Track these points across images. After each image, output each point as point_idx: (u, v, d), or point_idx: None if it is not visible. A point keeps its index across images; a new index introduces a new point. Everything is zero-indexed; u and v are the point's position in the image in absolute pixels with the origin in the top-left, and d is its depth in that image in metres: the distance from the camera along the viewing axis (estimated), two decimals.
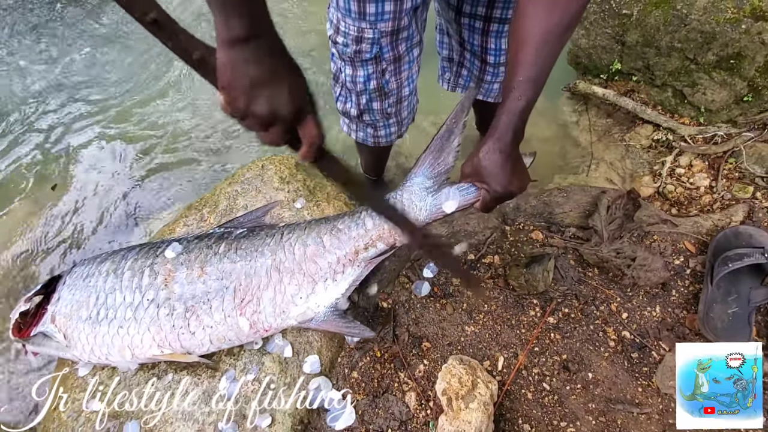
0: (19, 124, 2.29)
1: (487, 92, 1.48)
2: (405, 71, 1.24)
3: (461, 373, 1.07)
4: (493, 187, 0.90)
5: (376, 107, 1.31)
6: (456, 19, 1.26)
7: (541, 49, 0.81)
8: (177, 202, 1.99)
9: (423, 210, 1.10)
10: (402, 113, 1.37)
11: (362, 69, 1.21)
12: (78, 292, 1.23)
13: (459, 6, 1.22)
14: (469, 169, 0.92)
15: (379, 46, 1.14)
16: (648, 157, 1.74)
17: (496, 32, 1.23)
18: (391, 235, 1.13)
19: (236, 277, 1.16)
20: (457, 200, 1.03)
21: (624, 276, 1.27)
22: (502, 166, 0.86)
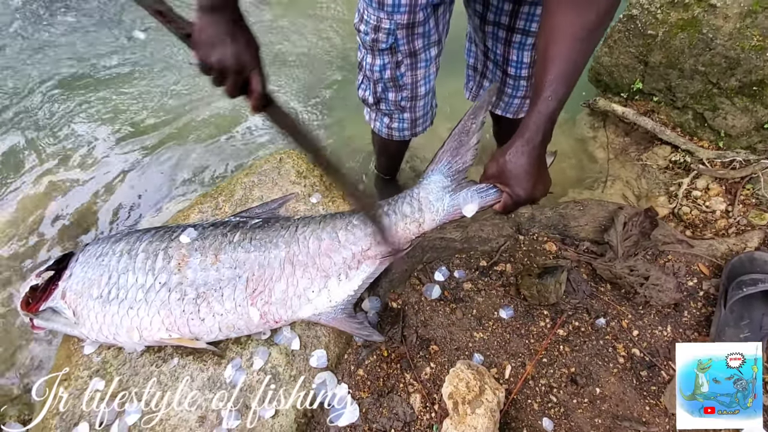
0: (36, 104, 2.31)
1: (507, 106, 1.48)
2: (421, 68, 1.25)
3: (469, 377, 1.06)
4: (516, 192, 0.89)
5: (391, 98, 1.32)
6: (481, 26, 1.27)
7: (574, 45, 0.80)
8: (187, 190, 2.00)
9: (440, 210, 1.08)
10: (417, 111, 1.37)
11: (379, 58, 1.22)
12: (90, 270, 1.23)
13: (484, 14, 1.23)
14: (493, 170, 0.91)
15: (395, 37, 1.16)
16: (664, 178, 1.74)
17: (519, 44, 1.24)
18: (405, 230, 1.12)
19: (249, 266, 1.16)
20: (477, 203, 1.02)
21: (636, 294, 1.26)
22: (528, 170, 0.86)
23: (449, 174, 1.08)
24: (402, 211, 1.11)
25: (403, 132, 1.43)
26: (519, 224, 1.44)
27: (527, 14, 1.15)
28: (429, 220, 1.09)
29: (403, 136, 1.45)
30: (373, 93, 1.34)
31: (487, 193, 1.00)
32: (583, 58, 0.82)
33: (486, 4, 1.20)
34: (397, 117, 1.39)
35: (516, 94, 1.40)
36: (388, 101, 1.34)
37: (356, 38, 1.28)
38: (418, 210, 1.09)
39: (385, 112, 1.38)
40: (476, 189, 1.02)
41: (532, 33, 1.19)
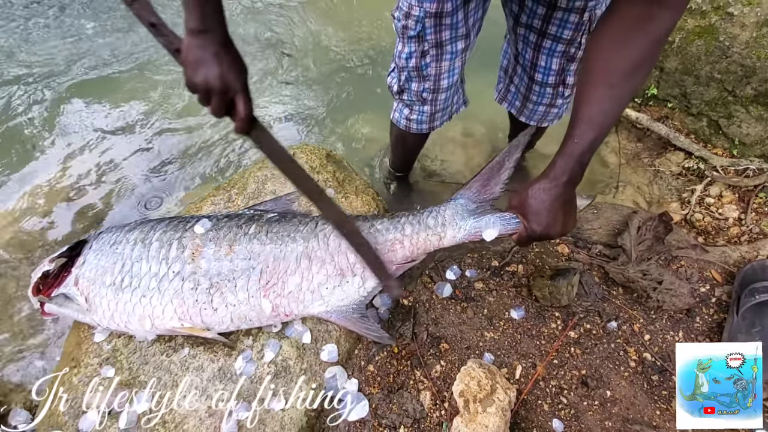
0: (51, 90, 2.32)
1: (531, 113, 1.48)
2: (446, 61, 1.25)
3: (480, 376, 1.06)
4: (532, 226, 0.92)
5: (413, 88, 1.32)
6: (514, 28, 1.27)
7: (606, 91, 0.81)
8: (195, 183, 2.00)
9: (462, 229, 1.13)
10: (437, 104, 1.37)
11: (407, 46, 1.23)
12: (104, 258, 1.23)
13: (518, 15, 1.23)
14: (516, 202, 0.96)
15: (423, 25, 1.16)
16: (677, 184, 1.73)
17: (548, 50, 1.24)
18: (426, 242, 1.16)
19: (264, 258, 1.16)
20: (497, 229, 1.06)
21: (649, 298, 1.26)
22: (547, 208, 0.89)
23: (476, 200, 1.14)
24: (426, 223, 1.16)
25: (420, 125, 1.43)
26: None
27: (560, 20, 1.15)
28: (450, 236, 1.15)
29: (420, 129, 1.45)
30: (398, 81, 1.35)
31: (508, 222, 1.04)
32: (614, 105, 0.83)
33: (521, 6, 1.20)
34: (416, 109, 1.39)
35: (541, 102, 1.40)
36: (410, 91, 1.34)
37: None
38: (441, 225, 1.15)
39: (406, 102, 1.39)
40: (499, 216, 1.07)
41: (563, 40, 1.19)
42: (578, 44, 1.20)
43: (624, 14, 0.79)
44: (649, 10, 0.76)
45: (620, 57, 0.80)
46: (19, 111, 2.22)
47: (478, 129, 2.14)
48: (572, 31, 1.16)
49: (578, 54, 1.23)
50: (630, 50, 0.79)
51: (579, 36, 1.18)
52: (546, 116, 1.48)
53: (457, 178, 1.97)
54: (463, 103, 1.50)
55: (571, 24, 1.14)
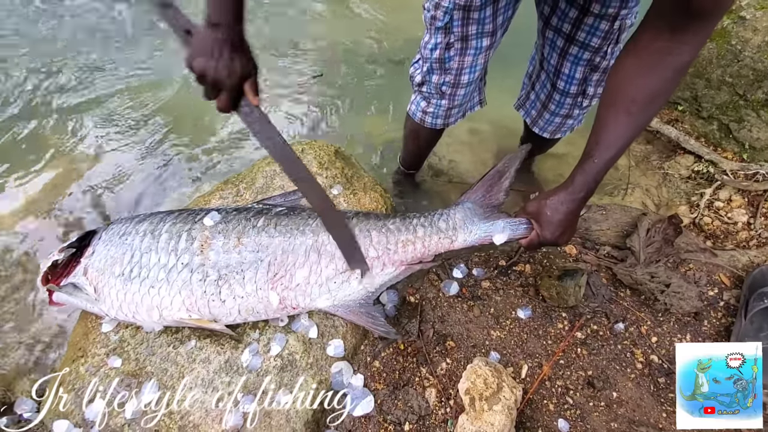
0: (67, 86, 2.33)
1: (546, 125, 1.48)
2: (469, 56, 1.25)
3: (487, 374, 1.06)
4: (544, 233, 1.00)
5: (434, 80, 1.33)
6: (543, 30, 1.26)
7: (624, 117, 0.88)
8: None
9: (473, 233, 1.18)
10: (455, 99, 1.37)
11: (434, 36, 1.24)
12: (113, 249, 1.24)
13: (549, 16, 1.22)
14: (532, 209, 1.02)
15: (451, 16, 1.17)
16: (686, 188, 1.72)
17: (574, 57, 1.23)
18: (438, 244, 1.18)
19: (272, 251, 1.16)
20: (507, 234, 1.12)
21: (657, 301, 1.26)
22: (561, 220, 0.97)
23: (482, 205, 1.20)
24: (438, 226, 1.19)
25: (435, 119, 1.44)
26: None
27: (590, 27, 1.15)
28: (461, 239, 1.18)
29: (434, 123, 1.45)
30: (421, 72, 1.35)
31: (518, 227, 1.10)
32: (631, 130, 0.89)
33: (553, 7, 1.20)
34: (434, 102, 1.39)
35: (558, 112, 1.40)
36: (430, 83, 1.34)
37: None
38: (453, 228, 1.18)
39: (425, 94, 1.39)
40: (509, 222, 1.12)
41: (590, 47, 1.18)
42: (603, 53, 1.19)
43: (646, 46, 0.83)
44: (670, 44, 0.80)
45: (640, 86, 0.85)
46: (36, 105, 2.23)
47: (487, 129, 2.14)
48: (600, 39, 1.15)
49: (602, 64, 1.22)
50: (649, 81, 0.84)
51: (606, 45, 1.17)
52: (560, 128, 1.48)
53: (464, 179, 1.96)
54: (479, 103, 1.49)
55: (601, 32, 1.14)
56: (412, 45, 2.60)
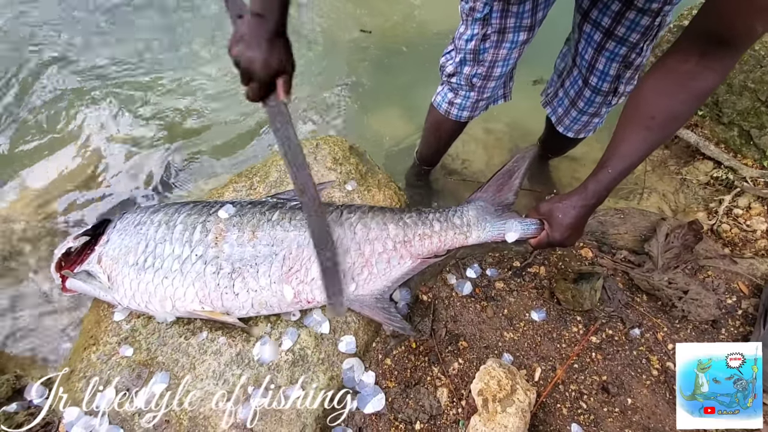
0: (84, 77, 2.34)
1: (571, 123, 1.47)
2: (504, 49, 1.24)
3: (501, 376, 1.04)
4: (553, 234, 1.04)
5: (465, 71, 1.32)
6: (580, 24, 1.24)
7: (642, 132, 0.92)
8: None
9: (486, 230, 1.20)
10: (484, 92, 1.36)
11: (470, 28, 1.23)
12: (128, 238, 1.24)
13: (588, 9, 1.20)
14: (545, 210, 1.06)
15: (490, 8, 1.16)
16: (704, 194, 1.70)
17: (610, 53, 1.21)
18: (453, 239, 1.19)
19: (287, 245, 1.15)
20: (519, 233, 1.14)
21: (674, 307, 1.24)
22: (571, 223, 1.01)
23: (493, 203, 1.23)
24: (452, 221, 1.20)
25: (462, 111, 1.43)
26: None
27: (631, 21, 1.12)
28: (475, 235, 1.20)
29: (459, 115, 1.44)
30: (453, 63, 1.34)
31: (529, 227, 1.13)
32: (648, 146, 0.94)
33: (595, 0, 1.17)
34: (462, 94, 1.38)
35: (587, 110, 1.39)
36: (461, 75, 1.34)
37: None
38: (467, 225, 1.20)
39: (454, 85, 1.38)
40: (521, 221, 1.15)
41: (628, 43, 1.16)
42: (639, 50, 1.18)
43: (673, 68, 0.86)
44: (697, 69, 0.83)
45: (661, 106, 0.89)
46: (54, 94, 2.24)
47: (502, 129, 2.12)
48: (640, 35, 1.13)
49: (636, 61, 1.20)
50: (671, 102, 0.87)
51: (643, 41, 1.15)
52: (585, 127, 1.47)
53: (477, 177, 1.95)
54: (503, 96, 1.48)
55: (641, 27, 1.12)
56: (423, 42, 2.59)
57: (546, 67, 1.59)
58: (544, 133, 1.81)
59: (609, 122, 1.95)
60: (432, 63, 2.21)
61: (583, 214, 1.01)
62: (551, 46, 1.52)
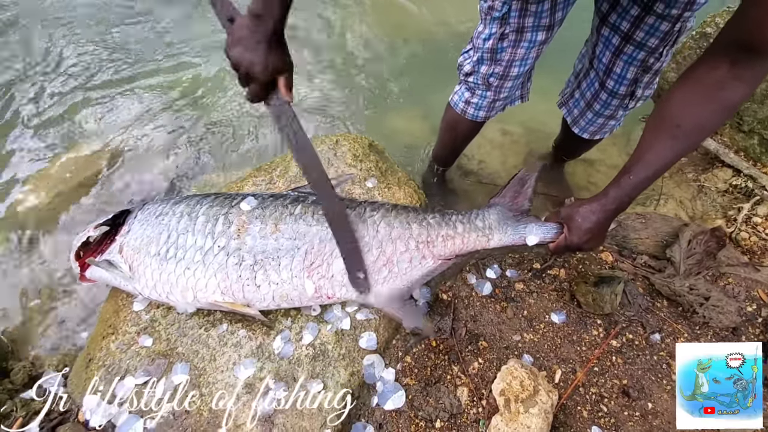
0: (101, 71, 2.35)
1: (587, 125, 1.47)
2: (522, 48, 1.23)
3: (523, 376, 1.04)
4: (571, 237, 1.05)
5: (483, 71, 1.32)
6: (598, 27, 1.24)
7: (668, 141, 0.92)
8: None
9: (508, 233, 1.22)
10: (501, 92, 1.36)
11: (489, 27, 1.23)
12: (150, 228, 1.24)
13: (607, 13, 1.19)
14: (565, 214, 1.08)
15: (509, 7, 1.16)
16: (722, 201, 1.69)
17: (628, 57, 1.20)
18: (476, 241, 1.20)
19: (310, 239, 1.15)
20: (539, 237, 1.17)
21: (695, 313, 1.23)
22: (590, 228, 1.02)
23: (511, 209, 1.25)
24: (475, 224, 1.21)
25: (478, 110, 1.42)
26: None
27: (650, 26, 1.12)
28: (497, 238, 1.21)
29: (475, 115, 1.44)
30: (471, 61, 1.34)
31: (549, 231, 1.15)
32: (673, 155, 0.93)
33: (614, 4, 1.17)
34: (479, 93, 1.38)
35: (603, 112, 1.38)
36: (478, 74, 1.33)
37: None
38: (489, 227, 1.21)
39: (471, 84, 1.38)
40: (541, 225, 1.18)
41: (646, 47, 1.16)
42: (659, 55, 1.17)
43: (702, 78, 0.86)
44: (726, 79, 0.83)
45: (688, 114, 0.88)
46: (72, 86, 2.25)
47: (518, 131, 2.12)
48: (659, 40, 1.13)
49: (655, 65, 1.19)
50: (698, 111, 0.87)
51: (663, 46, 1.15)
52: (600, 129, 1.46)
53: (493, 179, 1.95)
54: (521, 97, 1.47)
55: (660, 32, 1.11)
56: (439, 43, 2.59)
57: (564, 69, 1.58)
58: (560, 135, 1.81)
59: (625, 126, 1.95)
60: (449, 65, 2.22)
61: (602, 219, 1.01)
62: (572, 48, 1.52)
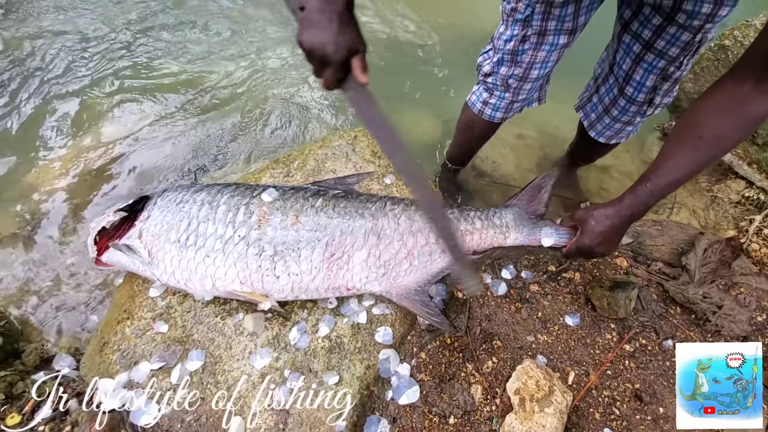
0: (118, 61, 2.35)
1: (604, 129, 1.47)
2: (543, 51, 1.24)
3: (539, 376, 1.05)
4: (582, 239, 1.07)
5: (502, 72, 1.32)
6: (619, 34, 1.24)
7: (689, 151, 0.93)
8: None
9: (523, 233, 1.26)
10: (519, 94, 1.36)
11: (510, 28, 1.23)
12: (170, 215, 1.24)
13: (629, 21, 1.20)
14: (579, 216, 1.10)
15: (533, 10, 1.16)
16: (735, 212, 1.70)
17: (648, 64, 1.21)
18: (493, 238, 1.23)
19: (330, 232, 1.16)
20: (553, 239, 1.20)
21: (708, 321, 1.24)
22: (602, 231, 1.04)
23: (527, 212, 1.29)
24: (492, 221, 1.25)
25: (495, 111, 1.43)
26: None
27: (672, 36, 1.12)
28: (513, 237, 1.25)
29: (492, 116, 1.44)
30: (491, 62, 1.34)
31: (563, 234, 1.20)
32: (692, 165, 0.94)
33: (636, 12, 1.17)
34: (497, 94, 1.38)
35: (620, 118, 1.38)
36: (497, 75, 1.34)
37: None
38: (506, 226, 1.25)
39: (490, 85, 1.38)
40: (556, 228, 1.21)
41: (667, 56, 1.16)
42: (678, 64, 1.17)
43: (727, 91, 0.88)
44: (751, 94, 0.84)
45: (710, 126, 0.90)
46: (93, 78, 2.26)
47: (533, 135, 2.13)
48: (679, 49, 1.13)
49: (675, 74, 1.20)
50: (721, 123, 0.89)
51: (683, 56, 1.15)
52: (617, 134, 1.46)
53: (507, 180, 1.95)
54: (538, 100, 1.48)
55: (681, 42, 1.11)
56: (459, 44, 2.60)
57: (581, 73, 1.59)
58: (575, 138, 1.81)
59: (639, 133, 1.96)
60: (464, 66, 2.23)
61: (616, 224, 1.02)
62: (589, 52, 1.52)
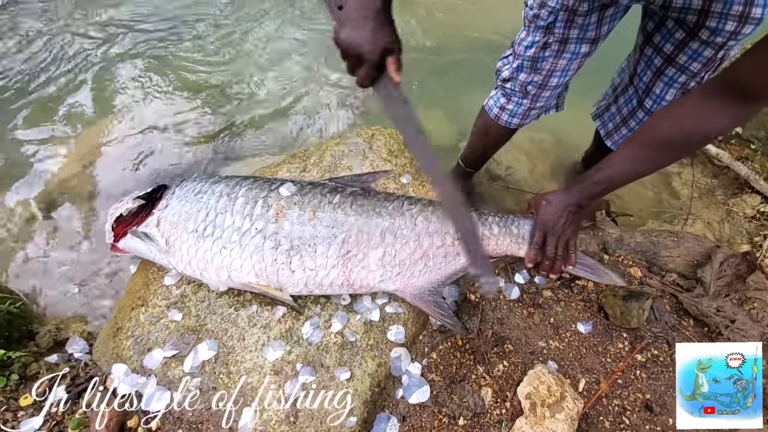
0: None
1: (621, 139, 1.46)
2: (564, 59, 1.23)
3: (551, 382, 1.05)
4: (538, 218, 1.18)
5: (521, 78, 1.31)
6: (641, 46, 1.24)
7: (637, 149, 1.01)
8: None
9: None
10: (538, 101, 1.36)
11: (532, 35, 1.22)
12: (188, 205, 1.25)
13: (651, 33, 1.19)
14: (533, 201, 1.21)
15: (555, 17, 1.15)
16: (749, 227, 1.69)
17: (669, 78, 1.20)
18: (508, 246, 1.23)
19: (347, 229, 1.16)
20: None
21: (720, 335, 1.23)
22: (552, 209, 1.15)
23: None
24: (510, 229, 1.25)
25: (512, 117, 1.42)
26: (605, 243, 1.42)
27: (694, 51, 1.11)
28: (527, 249, 1.23)
29: (509, 122, 1.43)
30: (510, 68, 1.34)
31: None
32: (637, 164, 1.01)
33: (659, 25, 1.17)
34: (515, 100, 1.38)
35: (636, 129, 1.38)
36: (516, 81, 1.33)
37: None
38: (522, 237, 1.25)
39: (508, 90, 1.38)
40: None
41: (688, 71, 1.15)
42: (699, 79, 1.16)
43: (691, 102, 0.93)
44: (711, 108, 0.89)
45: (663, 130, 0.96)
46: (109, 70, 2.28)
47: (548, 140, 2.12)
48: (701, 65, 1.12)
49: (695, 89, 1.20)
50: (673, 129, 0.94)
51: (704, 71, 1.14)
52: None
53: (520, 185, 1.95)
54: (555, 107, 1.47)
55: (703, 58, 1.10)
56: (475, 48, 2.59)
57: (598, 82, 1.58)
58: (591, 147, 1.81)
59: None
60: (480, 70, 2.22)
61: (563, 201, 1.13)
62: (609, 61, 1.52)
